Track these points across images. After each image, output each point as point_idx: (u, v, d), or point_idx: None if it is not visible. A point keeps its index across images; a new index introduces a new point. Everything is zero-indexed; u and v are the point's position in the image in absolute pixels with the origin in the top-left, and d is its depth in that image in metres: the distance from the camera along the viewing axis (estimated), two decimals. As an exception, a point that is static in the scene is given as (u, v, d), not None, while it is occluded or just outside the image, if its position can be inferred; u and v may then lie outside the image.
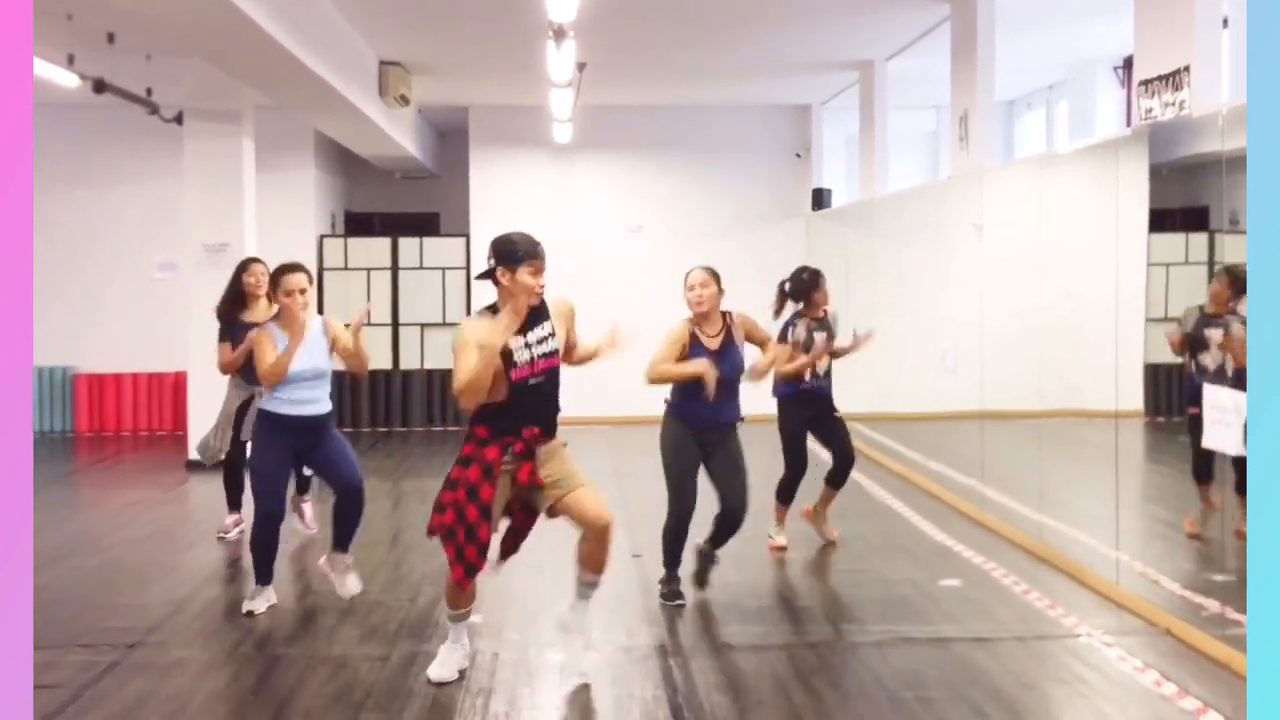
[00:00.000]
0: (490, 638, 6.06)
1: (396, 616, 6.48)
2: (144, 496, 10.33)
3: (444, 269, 14.82)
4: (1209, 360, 6.56)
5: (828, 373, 7.95)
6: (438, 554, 7.80)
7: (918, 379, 9.54)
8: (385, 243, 14.90)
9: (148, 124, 12.13)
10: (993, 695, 5.21)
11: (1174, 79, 6.27)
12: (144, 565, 7.80)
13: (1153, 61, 6.52)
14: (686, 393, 6.48)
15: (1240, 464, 5.84)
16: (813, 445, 8.02)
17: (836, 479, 8.04)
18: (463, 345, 5.02)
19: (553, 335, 5.28)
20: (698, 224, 15.12)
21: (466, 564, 5.18)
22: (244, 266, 8.25)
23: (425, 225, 16.39)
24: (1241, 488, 6.07)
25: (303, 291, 6.31)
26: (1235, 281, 6.45)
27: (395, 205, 16.89)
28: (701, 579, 6.79)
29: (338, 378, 6.99)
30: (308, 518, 8.54)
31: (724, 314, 6.60)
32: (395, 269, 14.78)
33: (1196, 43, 6.13)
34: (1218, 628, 5.73)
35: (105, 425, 14.40)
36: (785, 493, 7.95)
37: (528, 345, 5.19)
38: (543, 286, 5.21)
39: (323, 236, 14.81)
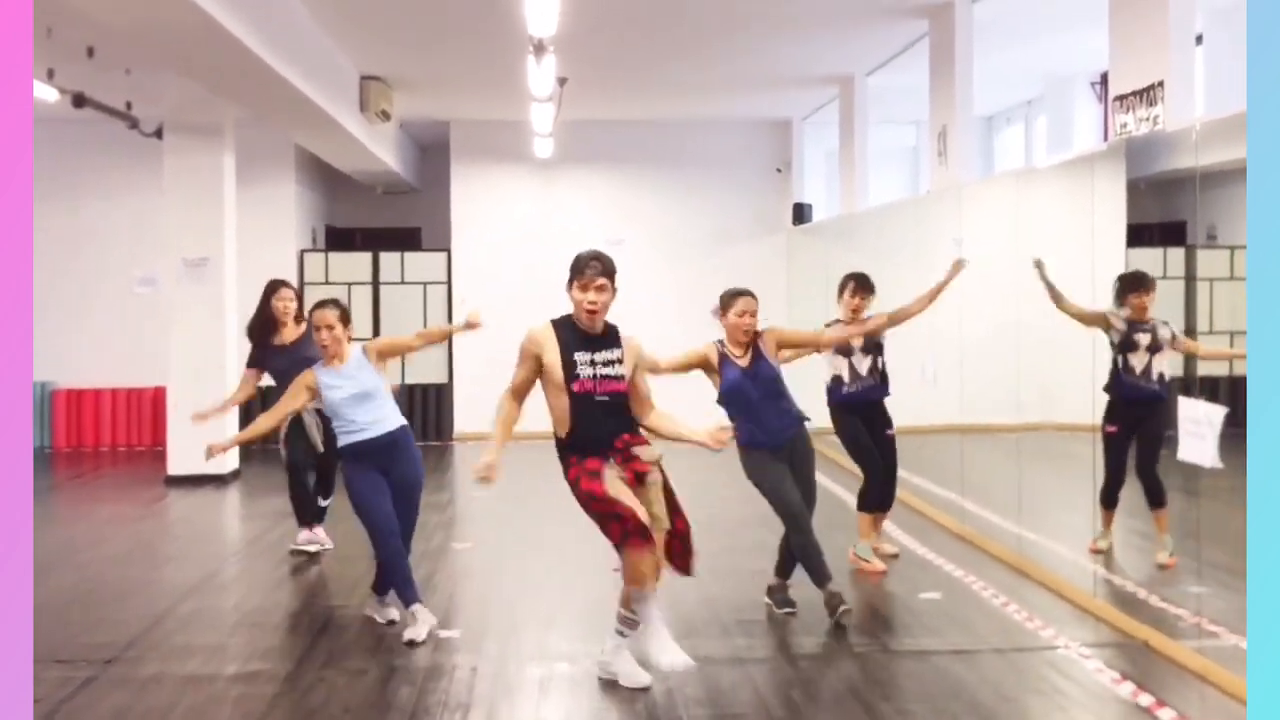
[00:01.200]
0: (469, 652, 6.05)
1: (375, 631, 6.46)
2: (122, 512, 10.29)
3: (425, 284, 14.82)
4: (1136, 361, 7.01)
5: (871, 371, 7.81)
6: (419, 568, 7.78)
7: (898, 393, 9.53)
8: (366, 257, 14.89)
9: (128, 138, 12.12)
10: (972, 707, 5.22)
11: (1148, 94, 6.33)
12: (122, 580, 7.76)
13: (1127, 77, 6.58)
14: (746, 432, 6.45)
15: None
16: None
17: (884, 499, 7.96)
18: (520, 354, 5.31)
19: (620, 363, 5.28)
20: (679, 238, 15.16)
21: (626, 532, 5.15)
22: (272, 289, 8.25)
23: (407, 240, 16.39)
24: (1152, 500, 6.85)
25: (330, 328, 6.34)
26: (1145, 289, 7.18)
27: (376, 220, 16.89)
28: (784, 604, 6.75)
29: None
30: (320, 534, 8.43)
31: (753, 334, 6.57)
32: (376, 284, 14.77)
33: (1170, 58, 6.20)
34: (1194, 639, 5.76)
35: (84, 441, 14.32)
36: (864, 502, 7.90)
37: (593, 363, 5.23)
38: (593, 304, 5.22)
39: (304, 251, 14.79)
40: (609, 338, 5.32)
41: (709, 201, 15.29)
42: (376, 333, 14.64)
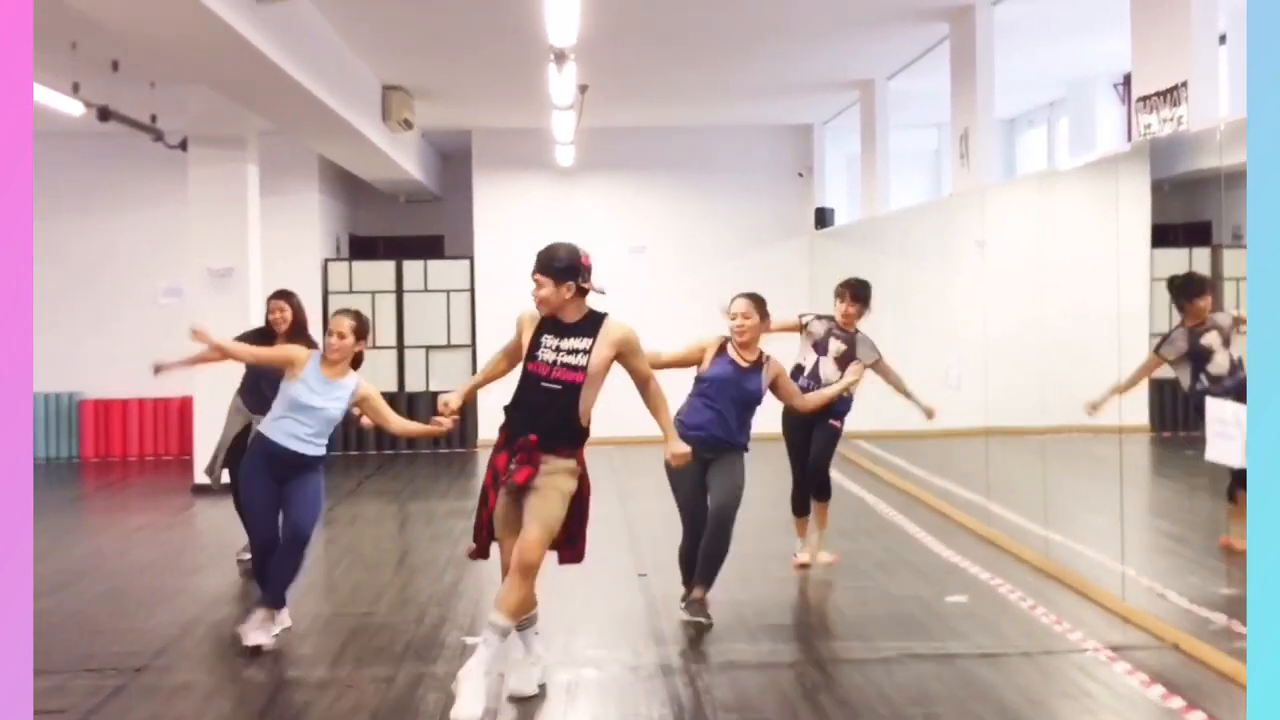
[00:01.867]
0: (495, 658, 6.05)
1: (403, 638, 6.48)
2: (150, 521, 10.35)
3: (448, 291, 14.86)
4: (1216, 366, 6.53)
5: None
6: (444, 575, 7.85)
7: (923, 395, 9.53)
8: (390, 266, 14.95)
9: (152, 151, 12.21)
10: (999, 711, 5.20)
11: (1172, 95, 6.30)
12: (150, 589, 7.81)
13: (1151, 78, 6.55)
14: (690, 410, 6.55)
15: (1237, 472, 5.84)
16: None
17: (815, 490, 7.87)
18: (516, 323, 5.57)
19: (585, 353, 5.31)
20: (700, 244, 15.17)
21: (479, 546, 5.61)
22: (267, 301, 8.21)
23: (429, 248, 16.45)
24: (1232, 493, 6.09)
25: (341, 336, 6.30)
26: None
27: (399, 228, 16.96)
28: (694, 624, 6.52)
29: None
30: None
31: (763, 352, 6.64)
32: (400, 292, 14.83)
33: (1194, 58, 6.17)
34: (1225, 641, 5.72)
35: (111, 450, 14.43)
36: (795, 504, 7.94)
37: (557, 349, 5.31)
38: (540, 298, 5.34)
39: (327, 260, 14.86)
40: (582, 327, 5.36)
41: (731, 207, 15.29)
42: (400, 341, 14.70)
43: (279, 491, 6.35)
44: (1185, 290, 6.83)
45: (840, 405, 7.73)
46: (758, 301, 6.67)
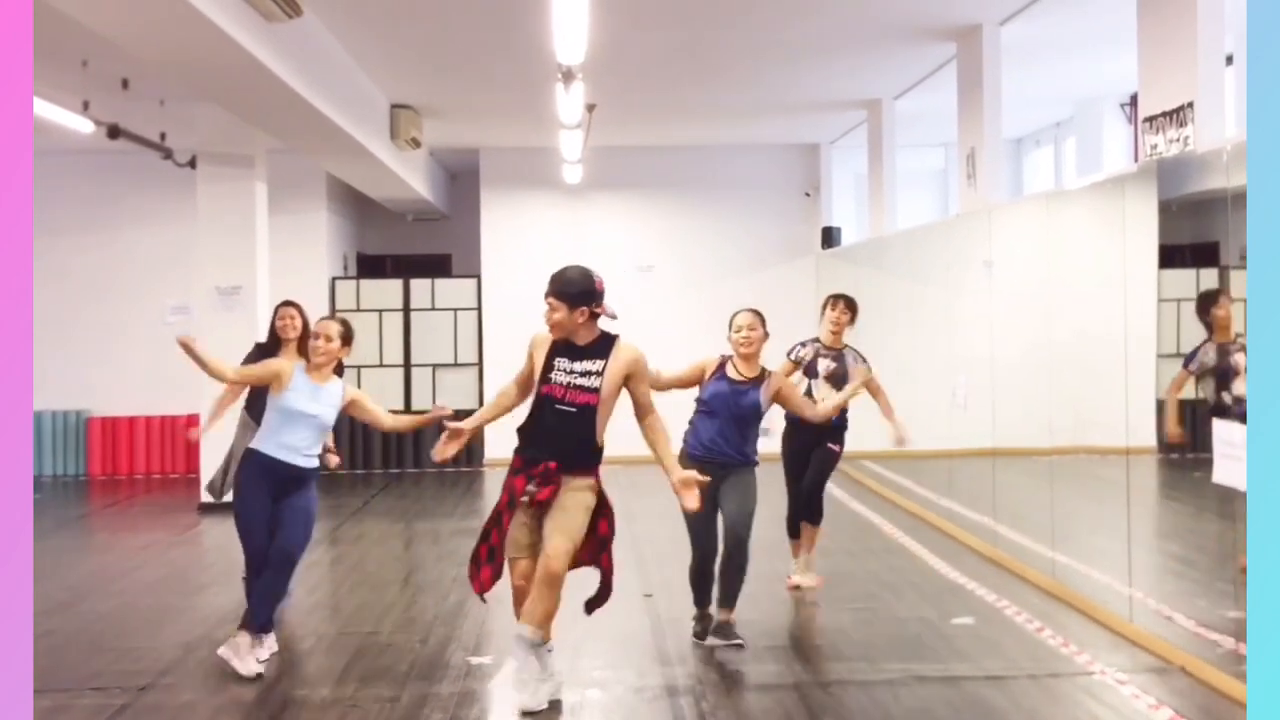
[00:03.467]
0: (501, 678, 6.03)
1: (407, 658, 6.47)
2: (157, 539, 10.35)
3: (456, 310, 14.89)
4: (1240, 386, 6.38)
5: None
6: (449, 595, 7.84)
7: (929, 416, 9.51)
8: (397, 284, 14.98)
9: (161, 169, 12.26)
10: (1006, 734, 5.18)
11: (1178, 115, 6.30)
12: (156, 608, 7.80)
13: (1157, 98, 6.56)
14: (694, 431, 6.57)
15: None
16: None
17: (808, 512, 7.85)
18: (527, 349, 5.64)
19: (598, 375, 5.33)
20: (708, 263, 15.18)
21: (479, 580, 5.51)
22: (275, 310, 8.24)
23: (437, 266, 16.48)
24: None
25: (328, 339, 6.31)
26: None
27: (407, 247, 16.99)
28: (701, 635, 6.64)
29: (350, 422, 6.92)
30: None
31: (764, 368, 6.64)
32: (407, 310, 14.85)
33: (1199, 79, 6.17)
34: (1232, 665, 5.69)
35: (118, 468, 14.45)
36: (790, 525, 7.94)
37: (570, 371, 5.36)
38: (554, 321, 5.41)
39: (335, 278, 14.90)
40: (594, 349, 5.41)
41: (738, 226, 15.30)
42: (408, 360, 14.72)
43: (271, 501, 6.26)
44: (1203, 303, 6.75)
45: (837, 426, 7.74)
46: (760, 316, 6.68)
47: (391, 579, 8.54)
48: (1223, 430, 5.67)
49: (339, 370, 6.50)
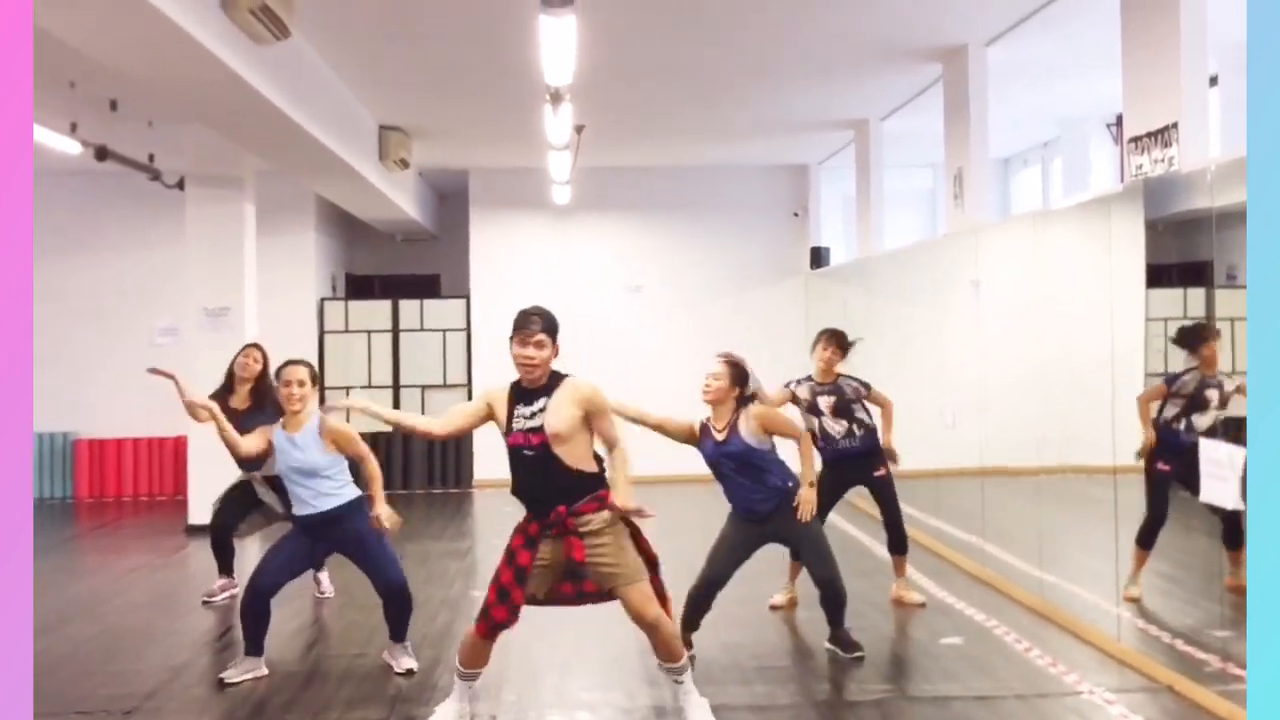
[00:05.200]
0: (488, 700, 6.02)
1: (395, 680, 6.44)
2: (144, 562, 10.30)
3: (445, 330, 14.88)
4: (1202, 421, 6.58)
5: (847, 435, 7.89)
6: (437, 617, 7.81)
7: (918, 435, 9.51)
8: (386, 305, 14.97)
9: (150, 190, 12.25)
10: (995, 754, 5.17)
11: (1163, 135, 6.34)
12: (142, 631, 7.76)
13: (1141, 118, 6.59)
14: (726, 493, 6.77)
15: (1227, 515, 5.85)
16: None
17: (890, 544, 8.09)
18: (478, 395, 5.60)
19: (540, 412, 5.28)
20: (697, 283, 15.19)
21: (490, 620, 5.32)
22: (242, 350, 8.37)
23: (426, 287, 16.48)
24: (1228, 539, 6.07)
25: (300, 384, 6.41)
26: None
27: (396, 267, 16.99)
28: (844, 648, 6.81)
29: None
30: (324, 585, 8.54)
31: (736, 410, 6.58)
32: (396, 331, 14.84)
33: (1184, 100, 6.21)
34: (1220, 683, 5.69)
35: (106, 490, 14.38)
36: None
37: (523, 417, 5.31)
38: (530, 359, 5.28)
39: (323, 299, 14.88)
40: (542, 390, 5.33)
41: (726, 247, 15.32)
42: (396, 380, 14.70)
43: (310, 550, 6.63)
44: (1189, 337, 6.83)
45: (868, 451, 7.90)
46: (732, 365, 6.62)
47: (379, 601, 8.48)
48: (1210, 450, 5.68)
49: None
